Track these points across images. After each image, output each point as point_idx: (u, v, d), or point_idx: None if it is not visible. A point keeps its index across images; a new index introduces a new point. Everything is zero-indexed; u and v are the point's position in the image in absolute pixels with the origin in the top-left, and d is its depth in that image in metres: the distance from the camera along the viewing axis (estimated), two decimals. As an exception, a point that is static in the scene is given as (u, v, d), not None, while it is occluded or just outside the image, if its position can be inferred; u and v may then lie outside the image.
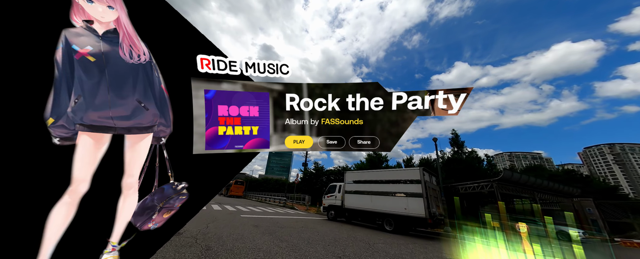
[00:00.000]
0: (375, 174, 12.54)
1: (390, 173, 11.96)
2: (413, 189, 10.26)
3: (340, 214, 13.26)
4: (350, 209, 12.59)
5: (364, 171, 14.81)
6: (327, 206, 14.37)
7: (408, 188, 10.47)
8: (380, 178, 11.92)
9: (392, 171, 12.67)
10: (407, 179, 10.71)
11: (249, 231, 6.88)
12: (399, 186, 10.90)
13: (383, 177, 11.86)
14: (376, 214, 11.23)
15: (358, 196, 12.49)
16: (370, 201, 11.73)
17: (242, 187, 38.98)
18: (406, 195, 10.40)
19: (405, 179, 10.82)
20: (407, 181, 10.67)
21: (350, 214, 12.67)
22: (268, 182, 51.96)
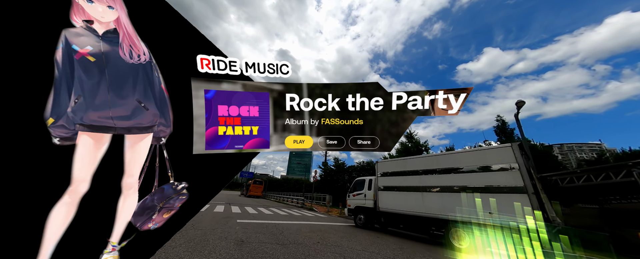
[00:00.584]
0: (427, 161, 8.21)
1: (456, 158, 7.40)
2: (504, 180, 6.02)
3: (373, 219, 9.68)
4: (387, 213, 8.92)
5: (407, 158, 9.66)
6: (353, 207, 10.81)
7: (494, 179, 6.23)
8: (438, 166, 7.68)
9: (460, 153, 7.52)
10: (491, 165, 6.38)
11: (219, 254, 4.35)
12: (474, 176, 6.65)
13: (442, 164, 7.59)
14: (430, 220, 7.41)
15: (399, 194, 8.63)
16: (421, 200, 7.79)
17: (261, 188, 38.76)
18: (492, 190, 6.18)
19: (486, 164, 6.51)
20: (490, 167, 6.39)
21: (387, 219, 8.99)
22: (288, 182, 51.80)
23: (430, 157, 8.57)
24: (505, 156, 6.21)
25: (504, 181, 6.07)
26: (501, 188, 6.07)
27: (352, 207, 10.90)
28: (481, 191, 6.39)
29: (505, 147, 6.35)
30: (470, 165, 6.90)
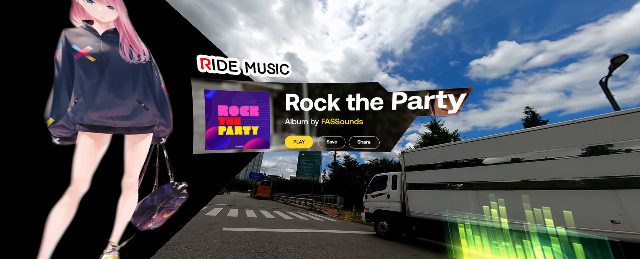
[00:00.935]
0: (481, 146, 5.57)
1: (535, 137, 4.69)
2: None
3: (401, 227, 7.38)
4: (422, 220, 6.48)
5: (446, 144, 6.63)
6: (372, 212, 8.55)
7: (621, 163, 3.60)
8: (500, 152, 5.14)
9: (541, 131, 4.67)
10: (613, 143, 3.70)
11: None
12: (573, 164, 4.10)
13: (507, 149, 5.03)
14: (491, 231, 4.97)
15: (440, 193, 6.11)
16: (476, 200, 5.28)
17: (269, 189, 38.26)
18: (615, 184, 3.60)
19: (604, 142, 3.79)
20: (610, 147, 3.73)
21: (421, 227, 6.61)
22: (297, 184, 51.87)
23: (485, 141, 5.56)
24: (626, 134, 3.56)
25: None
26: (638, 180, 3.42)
27: (371, 211, 8.62)
28: (591, 185, 3.86)
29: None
30: (566, 146, 4.24)
